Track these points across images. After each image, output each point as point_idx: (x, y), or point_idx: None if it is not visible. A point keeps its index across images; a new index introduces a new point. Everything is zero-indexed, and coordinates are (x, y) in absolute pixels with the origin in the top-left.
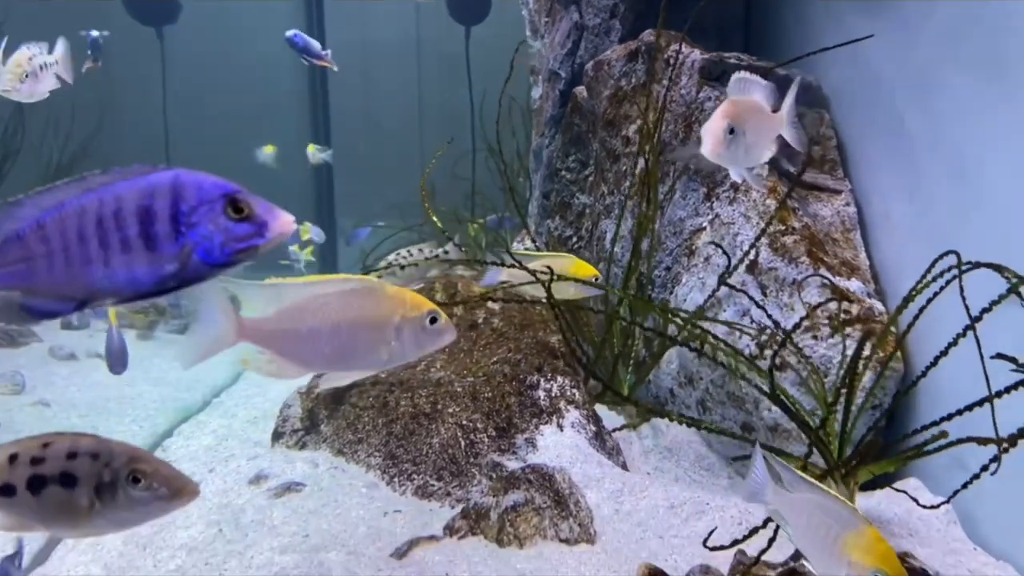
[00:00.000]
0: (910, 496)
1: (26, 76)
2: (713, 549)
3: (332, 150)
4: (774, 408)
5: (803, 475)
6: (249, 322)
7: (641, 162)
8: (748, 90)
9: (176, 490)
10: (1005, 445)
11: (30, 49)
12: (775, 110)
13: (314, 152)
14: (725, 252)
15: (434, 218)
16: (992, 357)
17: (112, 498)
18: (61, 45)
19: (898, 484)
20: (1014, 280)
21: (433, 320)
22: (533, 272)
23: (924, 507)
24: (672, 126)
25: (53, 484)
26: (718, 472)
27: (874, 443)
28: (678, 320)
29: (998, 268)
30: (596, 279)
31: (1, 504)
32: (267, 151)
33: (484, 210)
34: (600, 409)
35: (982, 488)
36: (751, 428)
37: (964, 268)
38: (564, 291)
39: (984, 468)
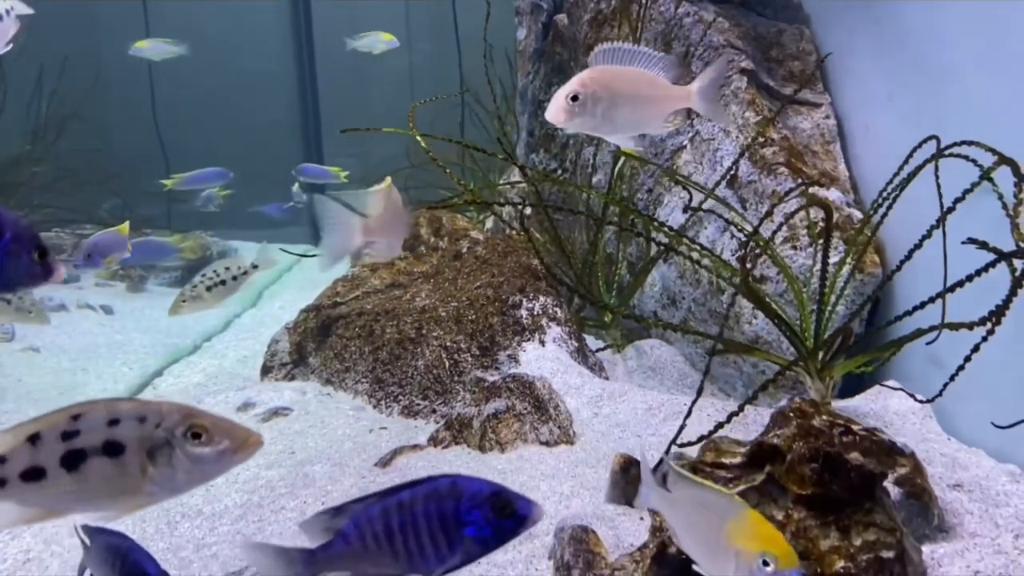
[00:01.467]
0: (894, 388)
1: None
2: (682, 446)
3: None
4: (754, 322)
5: (685, 472)
6: (370, 222)
7: None
8: (626, 61)
9: (241, 441)
10: (989, 326)
11: None
12: (685, 83)
13: None
14: (693, 185)
15: (428, 151)
16: (963, 242)
17: (169, 460)
18: None
19: (878, 386)
20: (988, 167)
21: None
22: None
23: (920, 401)
24: (652, 45)
25: (95, 456)
26: None
27: (848, 332)
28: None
29: (972, 144)
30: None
31: (27, 492)
32: None
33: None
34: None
35: (955, 383)
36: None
37: (943, 149)
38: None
39: (967, 359)
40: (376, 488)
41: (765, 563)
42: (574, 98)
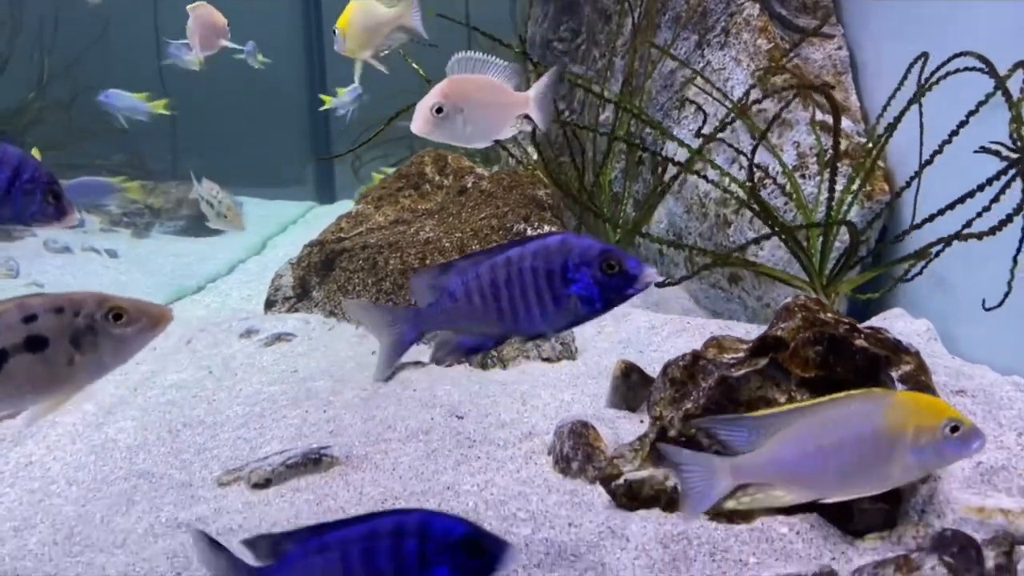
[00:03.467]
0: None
1: None
2: (661, 285)
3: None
4: (760, 253)
5: (763, 415)
6: None
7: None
8: (478, 70)
9: (156, 317)
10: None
11: None
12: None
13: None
14: (702, 109)
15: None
16: (975, 151)
17: (94, 344)
18: None
19: (883, 313)
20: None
21: None
22: None
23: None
24: None
25: (17, 354)
26: None
27: (854, 232)
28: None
29: (969, 54)
30: None
31: None
32: None
33: None
34: None
35: (960, 308)
36: (739, 278)
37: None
38: None
39: (958, 234)
40: (378, 399)
41: (954, 428)
42: (439, 110)
